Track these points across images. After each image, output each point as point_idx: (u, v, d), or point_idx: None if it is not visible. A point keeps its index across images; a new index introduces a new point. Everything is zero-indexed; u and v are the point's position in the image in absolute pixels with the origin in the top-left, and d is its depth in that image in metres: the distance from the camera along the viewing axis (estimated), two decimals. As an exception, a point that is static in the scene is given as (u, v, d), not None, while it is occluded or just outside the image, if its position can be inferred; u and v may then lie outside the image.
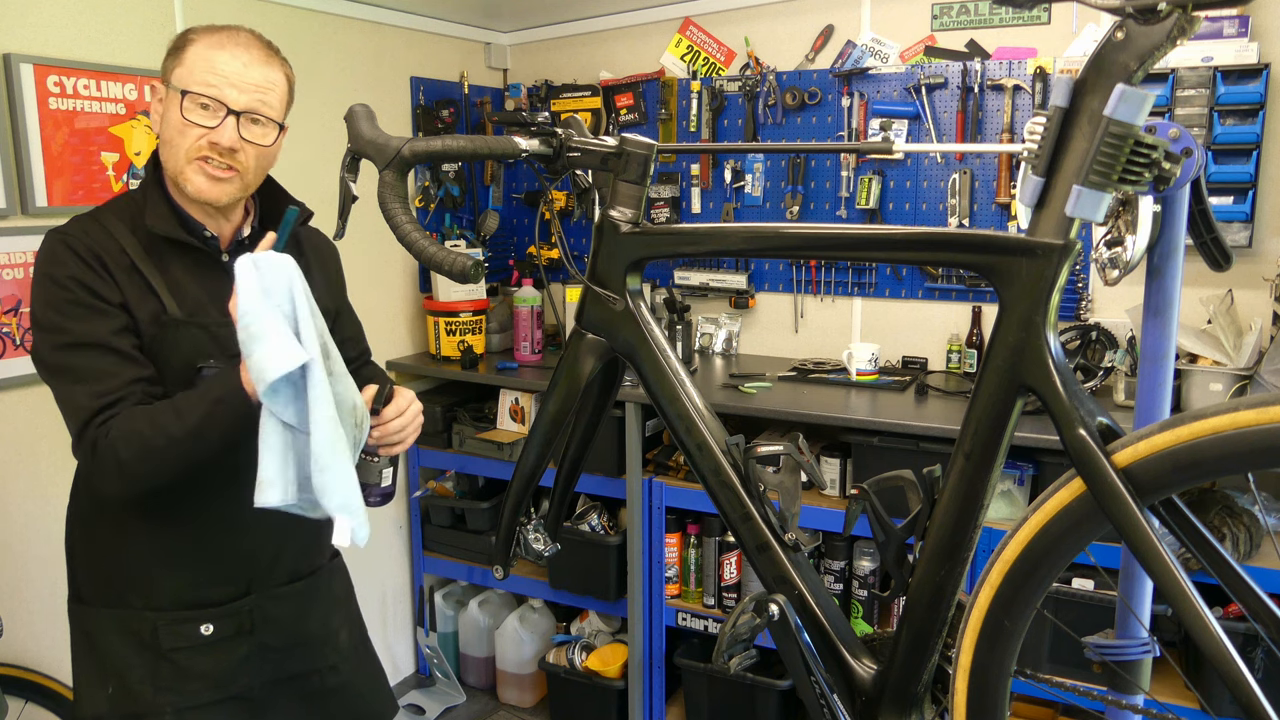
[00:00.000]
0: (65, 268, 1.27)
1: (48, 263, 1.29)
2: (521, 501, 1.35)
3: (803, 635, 1.05)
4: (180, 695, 1.39)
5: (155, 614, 1.38)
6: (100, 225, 1.32)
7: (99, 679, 1.39)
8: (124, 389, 1.26)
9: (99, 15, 2.16)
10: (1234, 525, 1.92)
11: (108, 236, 1.31)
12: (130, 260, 1.31)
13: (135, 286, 1.31)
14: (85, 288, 1.27)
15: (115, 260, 1.30)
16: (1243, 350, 2.09)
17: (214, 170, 1.31)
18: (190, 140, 1.30)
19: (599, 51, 3.24)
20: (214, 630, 1.40)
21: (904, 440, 2.22)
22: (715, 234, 1.14)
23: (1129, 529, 0.82)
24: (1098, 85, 0.82)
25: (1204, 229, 1.08)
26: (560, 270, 3.31)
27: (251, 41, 1.35)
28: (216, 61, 1.30)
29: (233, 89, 1.30)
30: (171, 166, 1.33)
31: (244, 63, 1.31)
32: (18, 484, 2.08)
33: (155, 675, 1.38)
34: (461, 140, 1.07)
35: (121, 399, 1.26)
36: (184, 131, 1.29)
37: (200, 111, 1.29)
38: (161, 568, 1.38)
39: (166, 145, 1.33)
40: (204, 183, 1.32)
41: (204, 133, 1.29)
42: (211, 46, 1.31)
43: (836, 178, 2.82)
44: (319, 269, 1.55)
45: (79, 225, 1.32)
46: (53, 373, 1.29)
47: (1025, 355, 0.88)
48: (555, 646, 2.96)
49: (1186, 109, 2.25)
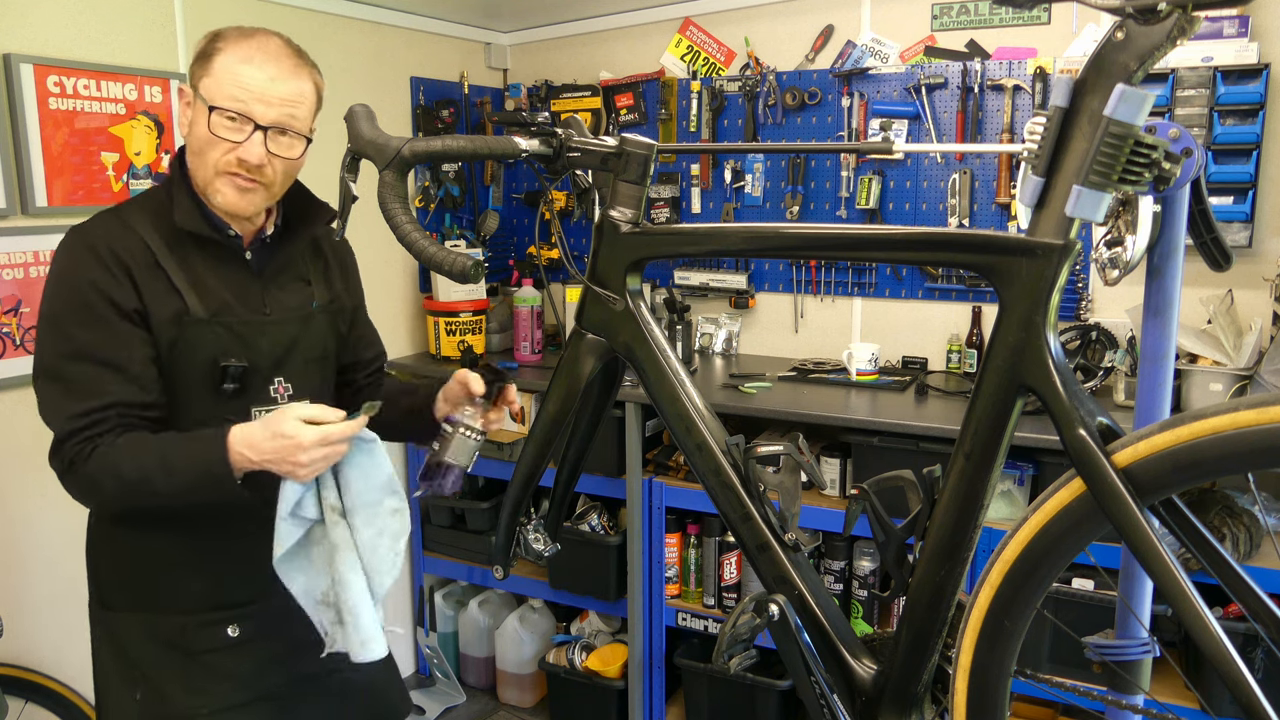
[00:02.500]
0: (83, 270, 1.26)
1: (66, 263, 1.28)
2: (521, 501, 1.35)
3: (803, 635, 1.05)
4: (212, 697, 1.39)
5: (184, 616, 1.38)
6: (122, 222, 1.32)
7: (127, 685, 1.39)
8: (111, 410, 1.26)
9: (99, 15, 2.16)
10: (1234, 525, 1.92)
11: (130, 233, 1.31)
12: (154, 257, 1.31)
13: (157, 285, 1.30)
14: (100, 293, 1.26)
15: (137, 258, 1.29)
16: (1243, 350, 2.09)
17: (242, 182, 1.32)
18: (218, 154, 1.30)
19: (599, 51, 3.24)
20: (240, 632, 1.41)
21: (904, 440, 2.22)
22: (715, 234, 1.14)
23: (1129, 529, 0.82)
24: (1098, 85, 0.82)
25: (1204, 229, 1.08)
26: (560, 270, 3.31)
27: (281, 51, 1.32)
28: (244, 75, 1.28)
29: (260, 104, 1.28)
30: (200, 176, 1.33)
31: (271, 76, 1.29)
32: (18, 484, 2.08)
33: (187, 678, 1.38)
34: (461, 140, 1.07)
35: (105, 420, 1.25)
36: (212, 145, 1.29)
37: (228, 125, 1.28)
38: (187, 570, 1.39)
39: (195, 155, 1.32)
40: (233, 194, 1.32)
41: (231, 147, 1.29)
42: (239, 59, 1.29)
43: (836, 178, 2.82)
44: (339, 270, 1.57)
45: (101, 224, 1.31)
46: (47, 376, 1.28)
47: (1025, 355, 0.88)
48: (555, 646, 2.96)
49: (1186, 109, 2.25)
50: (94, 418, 1.25)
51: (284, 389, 1.43)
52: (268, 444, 1.22)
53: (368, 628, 1.32)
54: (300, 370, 1.45)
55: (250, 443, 1.23)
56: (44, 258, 2.06)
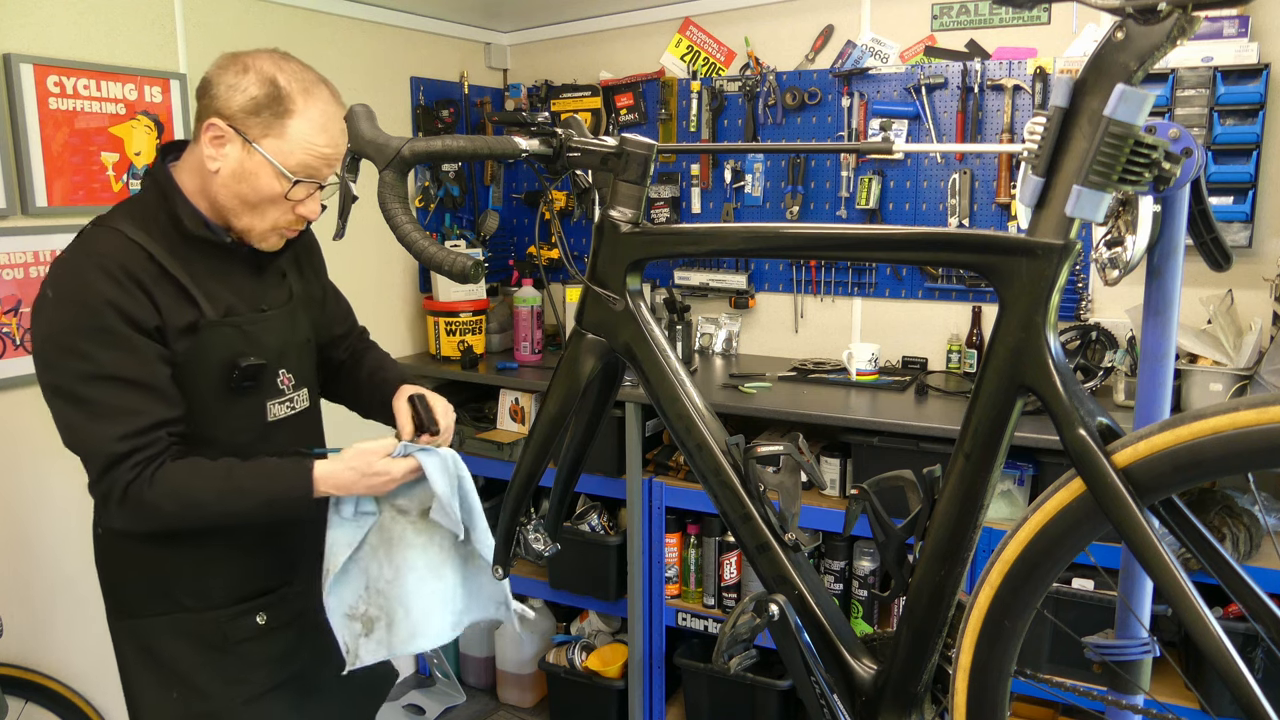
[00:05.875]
0: (97, 289, 1.25)
1: (75, 284, 1.26)
2: (521, 501, 1.35)
3: (803, 635, 1.05)
4: (247, 685, 1.44)
5: (215, 612, 1.42)
6: (123, 236, 1.30)
7: (161, 687, 1.41)
8: (153, 432, 1.27)
9: (99, 15, 2.16)
10: (1234, 525, 1.92)
11: (132, 245, 1.30)
12: (160, 266, 1.31)
13: (169, 294, 1.31)
14: (119, 311, 1.25)
15: (147, 270, 1.29)
16: (1243, 350, 2.09)
17: (290, 233, 1.39)
18: (280, 213, 1.34)
19: (599, 51, 3.24)
20: (268, 618, 1.46)
21: (904, 440, 2.22)
22: (715, 234, 1.14)
23: (1129, 529, 0.82)
24: (1098, 85, 0.82)
25: (1204, 229, 1.08)
26: (560, 270, 3.31)
27: (339, 109, 1.36)
28: (319, 144, 1.32)
29: (328, 168, 1.35)
30: (244, 224, 1.36)
31: (337, 141, 1.34)
32: (18, 484, 2.08)
33: (223, 670, 1.43)
34: (461, 140, 1.06)
35: (156, 441, 1.27)
36: (277, 204, 1.33)
37: (299, 189, 1.33)
38: (213, 567, 1.42)
39: (246, 205, 1.33)
40: (276, 242, 1.39)
41: (294, 205, 1.34)
42: (316, 127, 1.32)
43: (836, 178, 2.82)
44: (306, 255, 1.60)
45: (101, 240, 1.30)
46: (70, 402, 1.27)
47: (1025, 355, 0.88)
48: (555, 646, 2.96)
49: (1186, 109, 2.24)
50: (143, 440, 1.26)
51: (289, 380, 1.48)
52: (362, 482, 1.37)
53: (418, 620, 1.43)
54: (296, 360, 1.51)
55: (338, 483, 1.36)
56: (44, 258, 2.06)
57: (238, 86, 1.29)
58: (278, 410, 1.47)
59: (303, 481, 1.34)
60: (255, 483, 1.32)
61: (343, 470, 1.36)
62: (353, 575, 1.44)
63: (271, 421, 1.46)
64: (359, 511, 1.42)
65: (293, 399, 1.50)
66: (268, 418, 1.45)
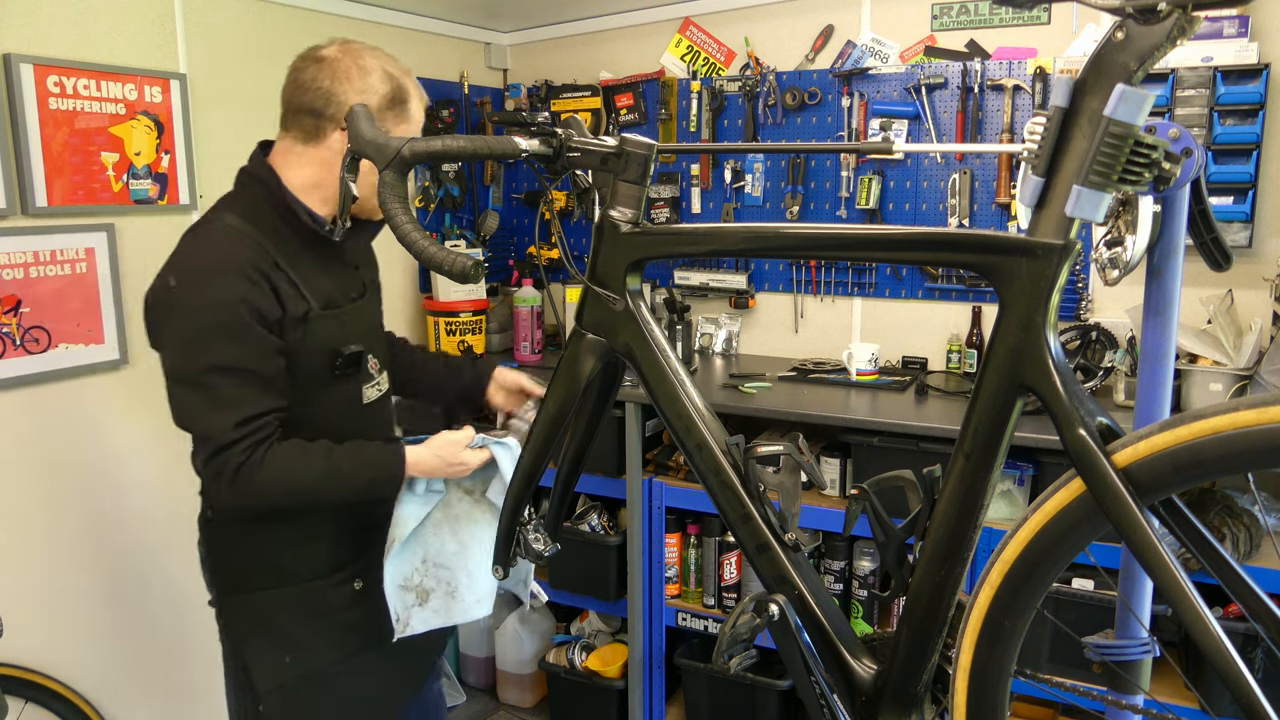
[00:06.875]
0: (233, 289, 1.33)
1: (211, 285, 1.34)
2: (521, 502, 1.35)
3: (803, 635, 1.05)
4: (345, 648, 1.57)
5: (320, 581, 1.53)
6: (245, 234, 1.38)
7: (274, 652, 1.52)
8: (263, 420, 1.36)
9: (99, 15, 2.16)
10: (1234, 525, 1.92)
11: (250, 242, 1.38)
12: (274, 260, 1.39)
13: (286, 287, 1.40)
14: (251, 307, 1.34)
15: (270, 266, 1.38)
16: (1243, 350, 2.09)
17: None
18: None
19: (599, 51, 3.24)
20: (363, 584, 1.57)
21: (904, 440, 2.22)
22: (715, 234, 1.14)
23: (1129, 529, 0.82)
24: (1098, 85, 0.82)
25: (1204, 229, 1.08)
26: (560, 270, 3.31)
27: None
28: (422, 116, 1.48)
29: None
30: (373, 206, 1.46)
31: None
32: (18, 484, 2.08)
33: (327, 636, 1.55)
34: (461, 140, 1.06)
35: (265, 426, 1.37)
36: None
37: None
38: (314, 541, 1.53)
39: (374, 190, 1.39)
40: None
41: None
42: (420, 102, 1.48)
43: (836, 178, 2.82)
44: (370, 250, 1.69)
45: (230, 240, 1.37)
46: (193, 389, 1.35)
47: (1025, 355, 0.88)
48: (555, 646, 2.96)
49: (1186, 109, 2.24)
50: (254, 425, 1.35)
51: (375, 364, 1.59)
52: (443, 469, 1.51)
53: (481, 587, 1.60)
54: (378, 346, 1.63)
55: (424, 468, 1.50)
56: (44, 258, 2.06)
57: (367, 89, 1.40)
58: (369, 393, 1.58)
59: (397, 467, 1.46)
60: (354, 467, 1.43)
61: (429, 457, 1.49)
62: (411, 548, 1.55)
63: (365, 404, 1.57)
64: (429, 490, 1.54)
65: (379, 382, 1.62)
66: (363, 400, 1.56)
